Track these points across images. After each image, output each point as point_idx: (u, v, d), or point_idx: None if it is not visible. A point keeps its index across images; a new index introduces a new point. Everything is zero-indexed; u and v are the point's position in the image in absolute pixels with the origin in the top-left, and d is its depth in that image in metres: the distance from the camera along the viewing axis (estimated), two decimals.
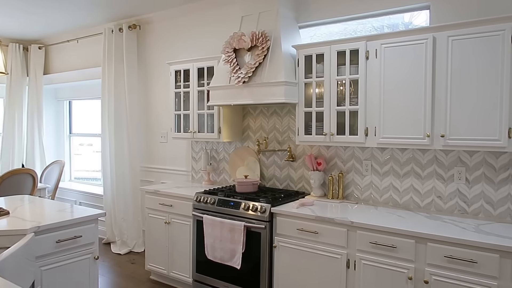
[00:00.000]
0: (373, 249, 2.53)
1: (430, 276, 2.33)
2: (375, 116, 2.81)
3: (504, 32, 2.32)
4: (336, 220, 2.67)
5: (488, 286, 2.15)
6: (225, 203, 3.22)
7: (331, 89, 2.99)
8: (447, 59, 2.52)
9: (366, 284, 2.55)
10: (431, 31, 2.57)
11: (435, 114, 2.57)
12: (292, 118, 3.59)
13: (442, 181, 2.87)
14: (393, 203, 3.10)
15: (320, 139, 3.07)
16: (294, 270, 2.88)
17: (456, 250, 2.25)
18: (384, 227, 2.48)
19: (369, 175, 3.19)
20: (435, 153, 2.90)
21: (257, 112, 3.84)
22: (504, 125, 2.34)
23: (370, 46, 2.81)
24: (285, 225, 2.93)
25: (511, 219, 2.63)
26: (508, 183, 2.63)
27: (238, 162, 3.93)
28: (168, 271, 3.70)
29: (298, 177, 3.59)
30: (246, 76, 3.18)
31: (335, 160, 3.37)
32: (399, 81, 2.69)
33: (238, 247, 3.05)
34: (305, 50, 3.11)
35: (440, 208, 2.89)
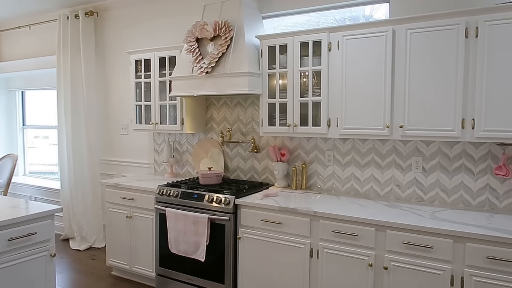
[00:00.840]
0: (335, 237, 2.58)
1: (389, 262, 2.40)
2: (337, 107, 2.85)
3: (459, 26, 2.41)
4: (299, 210, 2.70)
5: (442, 270, 2.25)
6: (188, 196, 3.17)
7: (294, 80, 2.99)
8: (405, 51, 2.58)
9: (328, 272, 2.61)
10: (390, 24, 2.62)
11: (394, 106, 2.64)
12: (256, 109, 3.58)
13: (400, 171, 2.97)
14: (354, 192, 3.17)
15: (283, 130, 3.08)
16: (258, 261, 2.89)
17: (414, 237, 2.33)
18: (346, 216, 2.53)
19: (332, 165, 3.24)
20: (394, 143, 2.98)
21: (220, 103, 3.80)
22: (458, 116, 2.44)
23: (332, 37, 2.84)
24: (249, 217, 2.92)
25: (463, 205, 2.76)
26: (461, 172, 2.76)
27: (202, 154, 3.88)
28: (130, 266, 3.62)
29: (262, 168, 3.60)
30: (209, 67, 3.13)
31: (298, 151, 3.39)
32: (360, 73, 2.74)
33: (202, 239, 3.02)
34: (269, 40, 3.10)
35: (398, 196, 2.99)
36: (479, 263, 2.16)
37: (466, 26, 2.39)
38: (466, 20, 2.39)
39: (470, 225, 2.29)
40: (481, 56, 2.36)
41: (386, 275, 2.42)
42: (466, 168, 2.74)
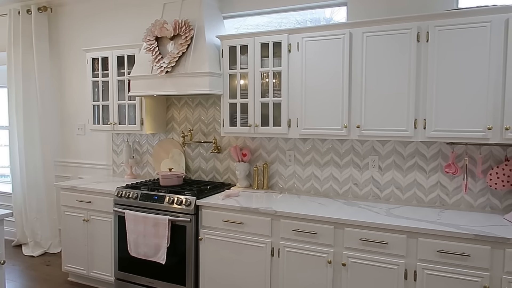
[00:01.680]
0: (296, 236, 2.62)
1: (347, 258, 2.47)
2: (297, 108, 2.89)
3: (411, 31, 2.51)
4: (260, 210, 2.72)
5: (397, 264, 2.35)
6: (148, 197, 3.11)
7: (255, 81, 3.01)
8: (362, 54, 2.66)
9: (289, 271, 2.64)
10: (347, 27, 2.69)
11: (352, 106, 2.72)
12: (217, 110, 3.57)
13: (358, 169, 3.06)
14: (314, 191, 3.23)
15: (245, 131, 3.09)
16: (220, 262, 2.88)
17: (370, 233, 2.41)
18: (306, 215, 2.58)
19: (292, 165, 3.29)
20: (352, 143, 3.07)
21: (181, 103, 3.75)
22: (411, 116, 2.55)
23: (292, 39, 2.88)
24: (210, 217, 2.91)
25: (416, 202, 2.89)
26: (414, 170, 2.88)
27: (163, 154, 3.82)
28: (88, 271, 3.50)
29: (224, 168, 3.59)
30: (169, 66, 3.08)
31: (260, 151, 3.42)
32: (319, 74, 2.79)
33: (162, 241, 2.98)
34: (230, 41, 3.10)
35: (356, 194, 3.08)
36: (430, 256, 2.27)
37: (417, 31, 2.50)
38: (418, 25, 2.50)
39: (422, 221, 2.40)
40: (432, 59, 2.47)
41: (344, 271, 2.49)
42: (419, 167, 2.87)
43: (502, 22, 2.29)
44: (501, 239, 2.10)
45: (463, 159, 2.73)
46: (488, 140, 2.37)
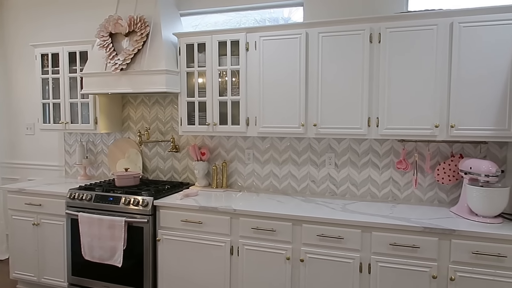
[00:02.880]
0: (255, 234, 2.64)
1: (305, 254, 2.52)
2: (255, 107, 2.90)
3: (364, 32, 2.60)
4: (219, 209, 2.71)
5: (352, 258, 2.42)
6: (103, 199, 3.01)
7: (213, 79, 2.99)
8: (318, 54, 2.72)
9: (249, 268, 2.65)
10: (303, 27, 2.74)
11: (309, 105, 2.77)
12: (175, 108, 3.51)
13: (315, 167, 3.12)
14: (273, 189, 3.26)
15: (203, 129, 3.06)
16: (179, 262, 2.84)
17: (327, 229, 2.47)
18: (264, 213, 2.60)
19: (251, 163, 3.31)
20: (309, 141, 3.13)
21: (138, 101, 3.66)
22: (365, 115, 2.63)
23: (250, 38, 2.89)
24: (169, 218, 2.86)
25: (371, 197, 3.00)
26: (368, 167, 2.99)
27: (118, 154, 3.70)
28: (39, 277, 3.34)
29: (182, 168, 3.54)
30: (124, 63, 3.00)
31: (218, 150, 3.40)
32: (277, 73, 2.82)
33: (118, 244, 2.89)
34: (187, 38, 3.06)
35: (314, 191, 3.14)
36: (383, 249, 2.36)
37: (370, 32, 2.59)
38: (371, 27, 2.59)
39: (375, 216, 2.49)
40: (384, 60, 2.57)
41: (302, 267, 2.53)
42: (373, 163, 2.97)
43: (447, 25, 2.42)
44: (447, 231, 2.22)
45: (413, 156, 2.86)
46: (436, 137, 2.50)
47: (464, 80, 2.40)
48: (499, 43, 2.33)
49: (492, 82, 2.36)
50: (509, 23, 2.31)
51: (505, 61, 2.33)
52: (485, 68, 2.36)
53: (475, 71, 2.38)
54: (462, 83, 2.41)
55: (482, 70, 2.37)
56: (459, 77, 2.41)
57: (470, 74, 2.39)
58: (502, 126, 2.36)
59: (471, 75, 2.39)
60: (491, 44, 2.35)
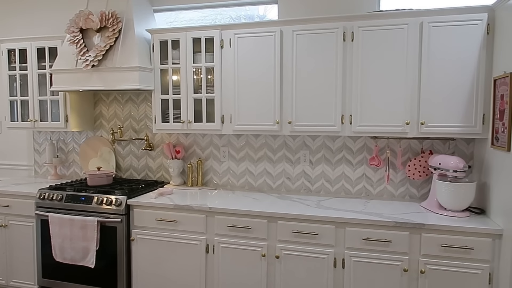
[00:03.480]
0: (230, 231, 2.63)
1: (281, 251, 2.54)
2: (230, 104, 2.90)
3: (338, 30, 2.63)
4: (194, 207, 2.69)
5: (326, 254, 2.45)
6: (75, 199, 2.94)
7: (187, 77, 2.96)
8: (292, 52, 2.73)
9: (224, 266, 2.65)
10: (278, 25, 2.75)
11: (284, 103, 2.78)
12: (149, 106, 3.46)
13: (290, 164, 3.15)
14: (249, 186, 3.27)
15: (178, 127, 3.03)
16: (154, 262, 2.81)
17: (301, 225, 2.49)
18: (240, 210, 2.60)
19: (227, 161, 3.30)
20: (284, 139, 3.15)
21: (110, 98, 3.58)
22: (338, 112, 2.67)
23: (224, 35, 2.87)
24: (143, 217, 2.82)
25: (345, 194, 3.04)
26: (342, 163, 3.03)
27: (91, 153, 3.62)
28: (7, 281, 3.23)
29: (156, 166, 3.50)
30: (96, 60, 2.93)
31: (194, 148, 3.38)
32: (252, 71, 2.82)
33: (91, 244, 2.83)
34: (160, 35, 3.01)
35: (289, 188, 3.17)
36: (356, 244, 2.40)
37: (343, 31, 2.62)
38: (344, 25, 2.62)
39: (349, 211, 2.53)
40: (356, 58, 2.61)
41: (278, 263, 2.55)
42: (346, 160, 3.02)
43: (417, 25, 2.48)
44: (417, 225, 2.29)
45: (385, 152, 2.92)
46: (407, 134, 2.56)
47: (434, 78, 2.47)
48: (466, 42, 2.41)
49: (460, 81, 2.43)
50: (475, 23, 2.39)
51: (472, 61, 2.41)
52: (453, 66, 2.44)
53: (443, 69, 2.45)
54: (431, 82, 2.48)
55: (450, 69, 2.44)
56: (429, 75, 2.48)
57: (439, 72, 2.46)
58: (469, 123, 2.45)
59: (440, 73, 2.46)
60: (459, 43, 2.42)
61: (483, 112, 2.42)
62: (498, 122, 2.25)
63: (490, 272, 2.21)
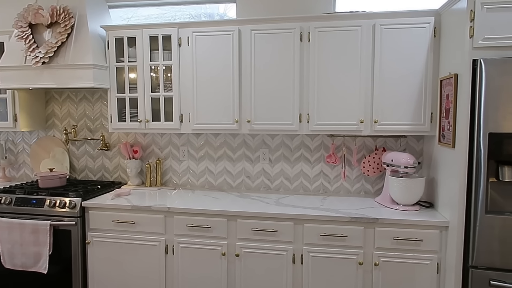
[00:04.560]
0: (190, 231, 2.62)
1: (241, 249, 2.55)
2: (189, 103, 2.87)
3: (295, 31, 2.68)
4: (153, 207, 2.65)
5: (285, 250, 2.50)
6: (25, 202, 2.81)
7: (144, 75, 2.91)
8: (251, 51, 2.75)
9: (184, 266, 2.63)
10: (236, 24, 2.76)
11: (242, 101, 2.80)
12: (105, 104, 3.36)
13: (250, 162, 3.17)
14: (209, 185, 3.26)
15: (135, 126, 2.97)
16: (111, 265, 2.74)
17: (261, 223, 2.52)
18: (199, 210, 2.59)
19: (186, 160, 3.27)
20: (244, 137, 3.16)
21: (63, 97, 3.45)
22: (296, 111, 2.72)
23: (182, 33, 2.84)
24: (99, 219, 2.74)
25: (303, 191, 3.11)
26: (300, 161, 3.09)
27: (42, 154, 3.47)
28: None
29: (113, 166, 3.41)
30: (46, 56, 2.81)
31: (152, 147, 3.32)
32: (211, 69, 2.81)
33: (43, 249, 2.72)
34: (116, 32, 2.93)
35: (249, 186, 3.19)
36: (314, 240, 2.46)
37: (300, 31, 2.67)
38: (301, 26, 2.67)
39: (307, 208, 2.59)
40: (313, 58, 2.67)
41: (238, 262, 2.56)
42: (305, 158, 3.08)
43: (370, 27, 2.58)
44: (372, 220, 2.38)
45: (341, 150, 3.01)
46: (361, 132, 2.65)
47: (386, 78, 2.57)
48: (415, 44, 2.53)
49: (410, 80, 2.55)
50: (423, 26, 2.51)
51: (421, 62, 2.53)
52: (404, 67, 2.55)
53: (395, 70, 2.56)
54: (384, 81, 2.58)
55: (401, 70, 2.56)
56: (381, 75, 2.58)
57: (391, 72, 2.57)
58: (419, 122, 2.57)
59: (392, 74, 2.57)
60: (409, 45, 2.54)
61: (431, 111, 2.55)
62: (444, 120, 2.39)
63: (438, 262, 2.34)
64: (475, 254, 2.12)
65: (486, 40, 2.06)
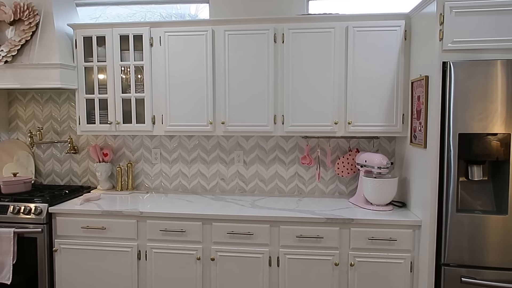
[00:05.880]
0: (164, 236, 2.55)
1: (216, 253, 2.51)
2: (161, 104, 2.81)
3: (269, 32, 2.66)
4: (124, 212, 2.56)
5: (261, 253, 2.47)
6: None
7: (115, 75, 2.82)
8: (224, 52, 2.72)
9: (158, 272, 2.56)
10: (209, 24, 2.72)
11: (216, 103, 2.76)
12: (72, 106, 3.24)
13: (224, 165, 3.13)
14: (182, 189, 3.19)
15: (105, 128, 2.87)
16: (80, 273, 2.62)
17: (236, 226, 2.49)
18: (173, 213, 2.52)
19: (159, 163, 3.19)
20: (218, 139, 3.12)
21: (27, 98, 3.29)
22: (271, 113, 2.71)
23: (154, 33, 2.77)
24: (67, 225, 2.63)
25: (278, 193, 3.10)
26: (275, 163, 3.08)
27: (5, 158, 3.29)
28: None
29: (82, 170, 3.28)
30: (9, 55, 2.67)
31: (123, 150, 3.22)
32: (184, 70, 2.76)
33: (7, 258, 2.57)
34: (84, 30, 2.83)
35: (224, 189, 3.15)
36: (290, 242, 2.45)
37: (274, 32, 2.66)
38: (275, 27, 2.66)
39: (283, 210, 2.58)
40: (287, 59, 2.66)
41: (213, 266, 2.52)
42: (279, 159, 3.07)
43: (343, 29, 2.60)
44: (347, 220, 2.39)
45: (316, 151, 3.02)
46: (335, 133, 2.67)
47: (359, 80, 2.60)
48: (387, 47, 2.57)
49: (383, 82, 2.59)
50: (394, 29, 2.56)
51: (393, 64, 2.58)
52: (376, 69, 2.59)
53: (368, 72, 2.60)
54: (357, 83, 2.61)
55: (374, 72, 2.59)
56: (354, 77, 2.61)
57: (364, 74, 2.60)
58: (391, 123, 2.61)
59: (365, 76, 2.60)
60: (380, 48, 2.57)
61: (403, 112, 2.60)
62: (416, 121, 2.44)
63: (412, 261, 2.38)
64: (447, 252, 2.16)
65: (455, 43, 2.12)
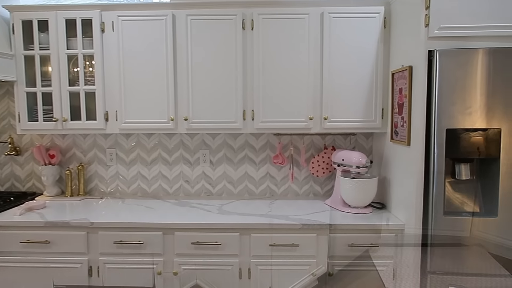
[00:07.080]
0: (118, 249, 2.23)
1: (179, 266, 2.22)
2: (115, 99, 2.48)
3: (236, 17, 2.39)
4: (72, 223, 2.22)
5: (231, 264, 2.21)
6: None
7: (60, 65, 2.46)
8: (187, 39, 2.42)
9: None
10: (169, 8, 2.41)
11: (178, 97, 2.46)
12: (13, 101, 2.84)
13: (189, 165, 2.84)
14: (142, 193, 2.87)
15: (50, 127, 2.51)
16: None
17: (202, 235, 2.21)
18: (128, 223, 2.21)
19: (115, 164, 2.85)
20: (181, 137, 2.82)
21: None
22: (239, 108, 2.44)
23: (106, 17, 2.44)
24: (3, 239, 2.26)
25: (248, 195, 2.84)
26: (245, 163, 2.82)
27: None
28: None
29: (26, 174, 2.89)
30: None
31: (73, 151, 2.86)
32: (140, 60, 2.44)
33: None
34: (23, 13, 2.45)
35: (188, 192, 2.86)
36: (262, 251, 2.20)
37: (243, 18, 2.39)
38: (243, 12, 2.40)
39: (254, 215, 2.33)
40: (257, 48, 2.40)
41: (176, 280, 2.23)
42: (249, 159, 2.81)
43: (318, 15, 2.37)
44: (325, 226, 2.17)
45: (288, 149, 2.78)
46: (310, 130, 2.44)
47: (335, 71, 2.38)
48: (365, 35, 2.36)
49: (361, 74, 2.39)
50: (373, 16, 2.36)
51: (371, 54, 2.37)
52: (353, 60, 2.38)
53: (345, 63, 2.38)
54: (333, 75, 2.39)
55: (351, 63, 2.38)
56: (331, 68, 2.38)
57: (340, 66, 2.38)
58: (370, 118, 2.42)
59: (341, 67, 2.38)
60: (358, 37, 2.37)
61: (382, 107, 2.41)
62: (397, 116, 2.24)
63: (394, 268, 2.19)
64: (433, 258, 1.99)
65: (442, 30, 1.93)
